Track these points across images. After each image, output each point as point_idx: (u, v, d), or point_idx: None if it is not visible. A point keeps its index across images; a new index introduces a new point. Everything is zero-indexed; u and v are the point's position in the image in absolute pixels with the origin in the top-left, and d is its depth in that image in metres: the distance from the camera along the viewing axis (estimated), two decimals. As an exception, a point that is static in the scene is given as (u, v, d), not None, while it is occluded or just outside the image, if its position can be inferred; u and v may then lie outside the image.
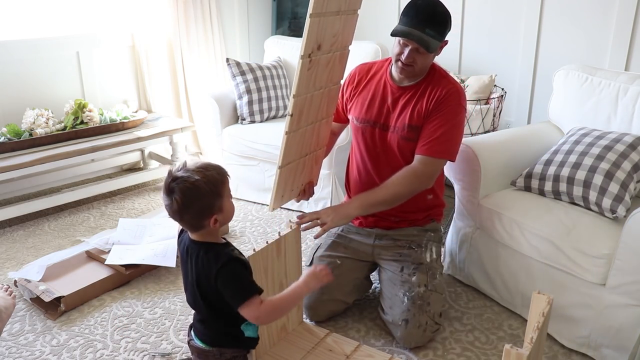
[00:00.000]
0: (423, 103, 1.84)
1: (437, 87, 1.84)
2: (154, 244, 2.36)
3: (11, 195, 3.06)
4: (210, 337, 1.39)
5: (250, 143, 2.97)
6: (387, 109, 1.91)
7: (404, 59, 1.78)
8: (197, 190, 1.25)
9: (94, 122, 3.00)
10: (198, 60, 3.54)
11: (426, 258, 1.91)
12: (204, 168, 1.28)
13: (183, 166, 1.29)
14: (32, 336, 1.96)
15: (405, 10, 1.77)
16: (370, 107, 1.94)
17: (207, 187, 1.26)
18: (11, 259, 2.49)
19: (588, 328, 1.77)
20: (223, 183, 1.29)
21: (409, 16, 1.75)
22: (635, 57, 2.64)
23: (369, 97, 1.95)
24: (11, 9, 3.00)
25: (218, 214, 1.29)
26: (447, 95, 1.82)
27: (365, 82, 1.98)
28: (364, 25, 3.78)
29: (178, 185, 1.25)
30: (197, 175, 1.25)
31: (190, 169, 1.27)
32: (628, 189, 1.82)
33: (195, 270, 1.31)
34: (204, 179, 1.26)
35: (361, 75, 2.00)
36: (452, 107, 1.82)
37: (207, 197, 1.26)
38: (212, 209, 1.28)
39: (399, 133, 1.88)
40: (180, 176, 1.26)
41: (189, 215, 1.28)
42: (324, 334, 1.87)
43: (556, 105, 2.37)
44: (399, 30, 1.75)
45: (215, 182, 1.27)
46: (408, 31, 1.73)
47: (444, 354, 1.85)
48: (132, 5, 3.29)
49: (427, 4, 1.76)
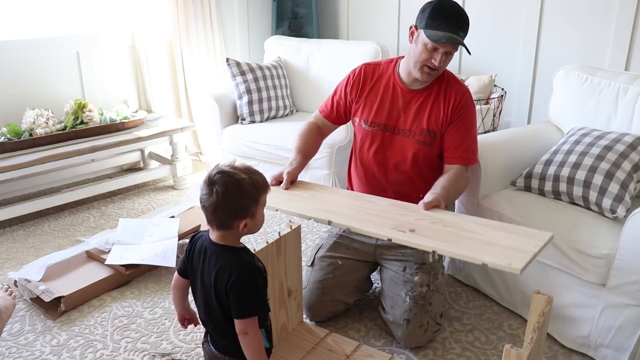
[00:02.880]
0: (440, 108, 1.84)
1: (451, 91, 1.84)
2: (154, 244, 2.36)
3: (11, 195, 3.06)
4: (221, 345, 1.38)
5: (250, 143, 2.97)
6: (397, 112, 1.89)
7: (437, 64, 1.75)
8: (240, 189, 1.25)
9: (94, 122, 3.00)
10: (198, 60, 3.54)
11: (428, 258, 1.91)
12: (250, 172, 1.29)
13: (231, 163, 1.30)
14: (32, 336, 1.96)
15: (433, 15, 1.72)
16: (380, 110, 1.91)
17: (250, 188, 1.26)
18: (11, 259, 2.49)
19: (588, 328, 1.77)
20: (264, 190, 1.30)
21: (440, 20, 1.70)
22: (635, 57, 2.65)
23: (378, 99, 1.92)
24: (11, 9, 3.00)
25: (250, 219, 1.29)
26: (465, 100, 1.84)
27: (372, 84, 1.94)
28: (364, 25, 3.78)
29: (223, 179, 1.25)
30: (243, 174, 1.26)
31: (238, 168, 1.28)
32: (628, 189, 1.82)
33: (215, 273, 1.29)
34: (250, 180, 1.26)
35: (367, 76, 1.96)
36: (470, 111, 1.86)
37: (247, 198, 1.26)
38: (246, 211, 1.28)
39: (416, 137, 1.87)
40: (227, 171, 1.26)
41: (223, 212, 1.26)
42: (324, 334, 1.87)
43: (556, 105, 2.37)
44: (442, 36, 1.70)
45: (257, 187, 1.28)
46: (450, 36, 1.70)
47: (444, 354, 1.85)
48: (132, 5, 3.29)
49: (453, 7, 1.74)
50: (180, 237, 2.44)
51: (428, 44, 1.72)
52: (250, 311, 1.27)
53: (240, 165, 1.30)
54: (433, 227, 1.45)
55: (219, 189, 1.24)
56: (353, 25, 3.85)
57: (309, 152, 1.96)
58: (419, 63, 1.78)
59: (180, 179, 3.33)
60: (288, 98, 3.28)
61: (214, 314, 1.33)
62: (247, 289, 1.27)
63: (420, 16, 1.77)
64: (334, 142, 2.72)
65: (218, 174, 1.26)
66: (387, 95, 1.91)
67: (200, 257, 1.34)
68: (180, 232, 2.44)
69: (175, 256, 2.28)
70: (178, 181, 3.33)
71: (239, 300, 1.27)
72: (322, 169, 2.79)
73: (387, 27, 3.64)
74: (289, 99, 3.29)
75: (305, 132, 2.01)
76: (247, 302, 1.28)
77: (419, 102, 1.86)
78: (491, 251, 1.28)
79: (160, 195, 3.24)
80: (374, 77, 1.95)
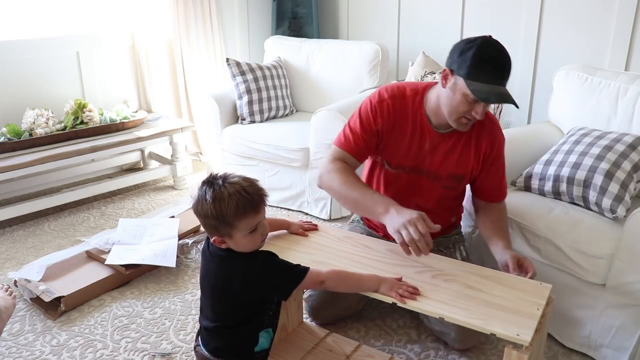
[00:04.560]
0: (470, 155, 1.73)
1: (483, 135, 1.72)
2: (154, 244, 2.36)
3: (11, 195, 3.06)
4: (213, 348, 1.39)
5: (250, 143, 2.97)
6: (423, 154, 1.74)
7: (478, 117, 1.58)
8: (202, 208, 1.24)
9: (94, 122, 3.00)
10: (198, 60, 3.54)
11: (457, 257, 1.86)
12: (237, 193, 1.22)
13: (230, 175, 1.26)
14: (32, 336, 1.96)
15: (476, 64, 1.50)
16: (406, 153, 1.74)
17: (215, 212, 1.23)
18: (11, 259, 2.49)
19: (588, 328, 1.77)
20: (238, 218, 1.24)
21: (486, 71, 1.51)
22: (635, 57, 2.65)
23: (406, 141, 1.73)
24: (11, 9, 3.00)
25: (228, 238, 1.27)
26: (497, 145, 1.75)
27: (400, 120, 1.73)
28: (364, 25, 3.78)
29: (202, 189, 1.24)
30: (227, 192, 1.22)
31: (229, 183, 1.23)
32: (628, 189, 1.82)
33: (224, 279, 1.32)
34: (218, 204, 1.22)
35: (395, 109, 1.72)
36: (502, 151, 1.79)
37: (212, 219, 1.24)
38: (216, 231, 1.26)
39: (442, 182, 1.76)
40: (212, 183, 1.24)
41: (200, 220, 1.28)
42: (324, 334, 1.86)
43: (556, 105, 2.37)
44: (489, 93, 1.51)
45: (228, 213, 1.22)
46: (498, 92, 1.52)
47: (445, 354, 1.85)
48: (132, 5, 3.29)
49: (499, 52, 1.53)
50: (180, 237, 2.44)
51: (469, 96, 1.52)
52: (295, 279, 1.29)
53: (236, 180, 1.25)
54: (434, 282, 1.41)
55: (194, 196, 1.25)
56: (353, 25, 3.85)
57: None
58: (457, 114, 1.59)
59: (180, 179, 3.33)
60: (288, 98, 3.28)
61: (222, 313, 1.35)
62: (277, 269, 1.30)
63: (457, 59, 1.54)
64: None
65: (205, 183, 1.25)
66: (415, 137, 1.72)
67: (208, 253, 1.36)
68: (180, 232, 2.44)
69: (175, 256, 2.28)
70: (178, 181, 3.33)
71: (279, 279, 1.29)
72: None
73: (387, 27, 3.64)
74: (289, 99, 3.29)
75: (351, 173, 1.71)
76: (287, 274, 1.30)
77: (448, 146, 1.72)
78: (498, 317, 1.27)
79: (160, 195, 3.25)
80: (402, 112, 1.73)
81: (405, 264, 1.50)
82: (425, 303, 1.33)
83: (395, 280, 1.35)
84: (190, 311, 2.09)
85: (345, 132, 1.77)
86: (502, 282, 1.42)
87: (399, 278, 1.37)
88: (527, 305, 1.32)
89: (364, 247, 1.61)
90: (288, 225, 1.67)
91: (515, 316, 1.27)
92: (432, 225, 1.43)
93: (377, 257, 1.55)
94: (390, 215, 1.49)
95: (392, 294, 1.31)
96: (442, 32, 3.34)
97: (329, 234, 1.71)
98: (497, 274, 1.47)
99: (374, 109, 1.73)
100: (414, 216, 1.43)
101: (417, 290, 1.34)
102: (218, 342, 1.38)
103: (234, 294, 1.30)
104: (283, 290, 1.32)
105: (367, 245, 1.62)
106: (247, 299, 1.32)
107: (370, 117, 1.73)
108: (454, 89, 1.56)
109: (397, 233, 1.44)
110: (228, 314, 1.34)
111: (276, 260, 1.33)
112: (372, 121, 1.73)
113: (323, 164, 1.76)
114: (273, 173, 2.98)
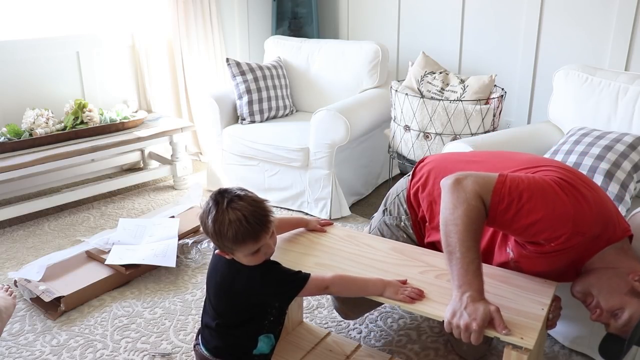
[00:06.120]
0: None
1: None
2: (154, 244, 2.36)
3: (11, 195, 3.06)
4: (213, 347, 1.39)
5: (250, 143, 2.97)
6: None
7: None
8: (205, 226, 1.27)
9: (94, 122, 3.00)
10: (198, 60, 3.54)
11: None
12: (239, 222, 1.22)
13: (241, 201, 1.25)
14: (32, 336, 1.96)
15: None
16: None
17: (215, 234, 1.26)
18: (11, 259, 2.49)
19: (588, 328, 1.77)
20: (237, 245, 1.25)
21: None
22: (635, 57, 2.65)
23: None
24: (11, 9, 3.00)
25: (229, 253, 1.31)
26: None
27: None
28: (364, 25, 3.78)
29: (210, 204, 1.26)
30: (222, 217, 1.23)
31: (236, 204, 1.23)
32: (628, 189, 1.82)
33: (228, 285, 1.34)
34: (218, 228, 1.24)
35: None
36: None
37: (213, 238, 1.28)
38: (219, 247, 1.30)
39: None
40: (220, 202, 1.25)
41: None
42: (324, 334, 1.86)
43: (556, 105, 2.37)
44: None
45: (226, 239, 1.25)
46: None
47: (445, 354, 1.85)
48: (132, 5, 3.29)
49: None
50: (180, 237, 2.44)
51: None
52: (301, 282, 1.30)
53: (240, 205, 1.24)
54: (437, 283, 1.40)
55: (201, 210, 1.28)
56: (353, 25, 3.85)
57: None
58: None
59: (180, 179, 3.33)
60: (288, 98, 3.28)
61: (226, 313, 1.36)
62: (277, 278, 1.31)
63: None
64: (334, 142, 2.72)
65: (212, 199, 1.26)
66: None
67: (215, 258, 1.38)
68: (180, 232, 2.44)
69: (175, 256, 2.28)
70: (178, 181, 3.33)
71: (281, 287, 1.31)
72: (322, 169, 2.79)
73: (387, 27, 3.64)
74: (289, 99, 3.29)
75: (481, 226, 1.35)
76: (288, 283, 1.31)
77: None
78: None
79: (160, 195, 3.25)
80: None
81: (409, 264, 1.50)
82: (429, 306, 1.33)
83: (400, 283, 1.35)
84: (190, 311, 2.09)
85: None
86: (506, 281, 1.42)
87: (404, 281, 1.37)
88: (532, 305, 1.31)
89: (366, 246, 1.61)
90: (306, 223, 1.70)
91: (519, 317, 1.27)
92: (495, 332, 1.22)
93: (380, 256, 1.55)
94: (462, 301, 1.23)
95: (397, 297, 1.31)
96: (442, 32, 3.34)
97: (331, 232, 1.71)
98: (501, 272, 1.47)
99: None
100: (480, 313, 1.20)
101: (422, 292, 1.34)
102: (218, 342, 1.38)
103: (236, 295, 1.31)
104: (284, 298, 1.34)
105: (370, 245, 1.62)
106: (249, 302, 1.33)
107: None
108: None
109: (451, 318, 1.24)
110: (229, 313, 1.35)
111: (279, 268, 1.34)
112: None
113: (462, 188, 1.31)
114: (273, 173, 2.99)
